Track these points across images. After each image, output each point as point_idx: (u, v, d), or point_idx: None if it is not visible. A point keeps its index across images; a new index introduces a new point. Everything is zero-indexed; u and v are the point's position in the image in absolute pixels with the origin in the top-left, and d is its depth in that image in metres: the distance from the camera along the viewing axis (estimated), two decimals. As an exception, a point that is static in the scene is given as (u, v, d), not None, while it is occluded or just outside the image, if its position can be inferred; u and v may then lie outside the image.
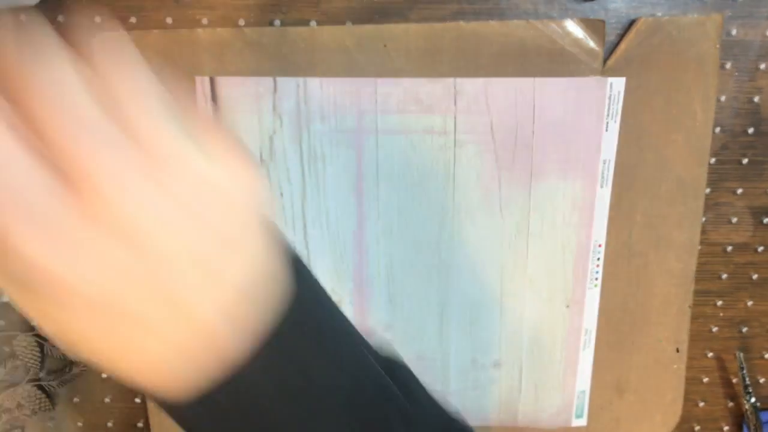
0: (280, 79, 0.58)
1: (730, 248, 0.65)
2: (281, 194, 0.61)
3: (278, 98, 0.59)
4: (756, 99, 0.61)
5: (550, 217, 0.62)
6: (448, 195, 0.61)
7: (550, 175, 0.61)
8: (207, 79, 0.58)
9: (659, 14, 0.59)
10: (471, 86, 0.58)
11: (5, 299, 0.65)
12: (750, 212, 0.64)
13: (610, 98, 0.59)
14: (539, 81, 0.58)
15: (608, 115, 0.59)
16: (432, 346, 0.65)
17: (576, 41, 0.58)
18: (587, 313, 0.65)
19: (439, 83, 0.58)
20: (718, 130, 0.62)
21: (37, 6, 0.58)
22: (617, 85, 0.59)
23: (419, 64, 0.58)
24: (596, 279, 0.64)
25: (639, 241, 0.63)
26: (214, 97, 0.59)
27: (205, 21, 0.58)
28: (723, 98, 0.61)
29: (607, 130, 0.60)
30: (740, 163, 0.63)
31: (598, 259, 0.63)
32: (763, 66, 0.60)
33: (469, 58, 0.58)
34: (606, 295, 0.64)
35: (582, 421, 0.68)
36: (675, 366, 0.67)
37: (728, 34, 0.59)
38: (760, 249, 0.65)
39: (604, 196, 0.61)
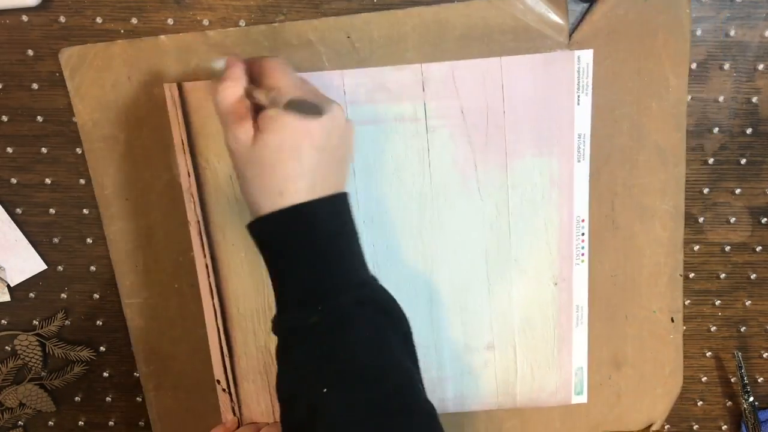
0: (246, 79, 0.58)
1: (728, 248, 0.65)
2: (258, 193, 0.61)
3: (247, 97, 0.59)
4: (754, 99, 0.61)
5: (530, 196, 0.62)
6: (426, 181, 0.61)
7: (525, 154, 0.60)
8: (174, 86, 0.59)
9: None
10: (438, 71, 0.58)
11: (6, 298, 0.66)
12: (748, 212, 0.64)
13: (579, 71, 0.58)
14: (506, 60, 0.58)
15: (579, 88, 0.59)
16: (423, 333, 0.65)
17: (539, 16, 0.57)
18: (577, 289, 0.64)
19: (405, 70, 0.58)
20: (716, 130, 0.62)
21: (38, 6, 0.59)
22: (585, 57, 0.58)
23: (384, 53, 0.58)
24: (582, 255, 0.63)
25: (622, 212, 0.62)
26: (183, 103, 0.59)
27: (206, 22, 0.59)
28: (721, 99, 0.61)
29: (579, 104, 0.59)
30: (738, 163, 0.63)
31: (583, 234, 0.63)
32: (761, 66, 0.60)
33: (434, 43, 0.58)
34: (594, 269, 0.64)
35: (582, 398, 0.68)
36: (671, 336, 0.66)
37: (726, 34, 0.59)
38: (759, 249, 0.65)
39: (582, 170, 0.61)
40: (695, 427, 0.70)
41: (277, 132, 0.45)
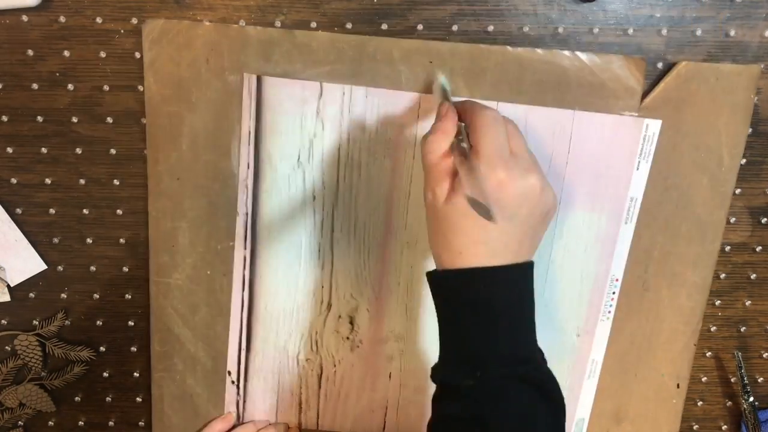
0: (326, 85, 0.58)
1: (728, 248, 0.66)
2: (314, 197, 0.61)
3: (323, 103, 0.59)
4: (755, 100, 0.62)
5: (573, 247, 0.63)
6: (476, 215, 0.62)
7: (577, 207, 0.62)
8: (254, 78, 0.58)
9: (658, 15, 0.59)
10: (512, 111, 0.59)
11: (6, 298, 0.65)
12: (748, 212, 0.65)
13: (644, 139, 0.60)
14: (579, 114, 0.59)
15: (641, 154, 0.60)
16: (442, 360, 0.66)
17: (617, 77, 0.59)
18: (596, 343, 0.66)
19: (481, 105, 0.59)
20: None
21: (38, 6, 0.58)
22: (653, 126, 0.60)
23: (462, 84, 0.59)
24: (609, 312, 0.65)
25: (654, 276, 0.64)
26: (259, 96, 0.59)
27: (206, 23, 0.58)
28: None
29: (637, 169, 0.61)
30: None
31: (614, 292, 0.64)
32: (761, 66, 0.61)
33: (512, 83, 0.59)
34: (616, 327, 0.65)
35: (577, 447, 0.69)
36: (674, 401, 0.68)
37: (726, 34, 0.60)
38: (759, 249, 0.66)
39: (627, 231, 0.62)
40: (695, 427, 0.71)
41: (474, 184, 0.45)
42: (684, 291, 0.65)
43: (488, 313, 0.47)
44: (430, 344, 0.66)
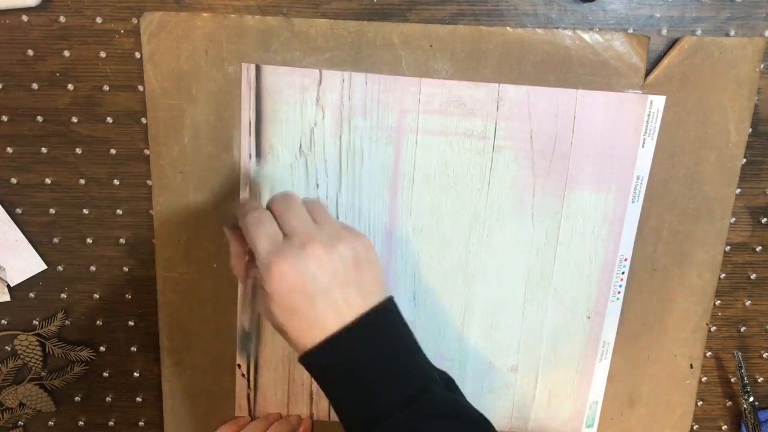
0: (326, 72, 0.58)
1: (728, 248, 0.65)
2: (317, 186, 0.61)
3: (322, 91, 0.59)
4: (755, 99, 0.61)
5: (581, 228, 0.62)
6: (482, 199, 0.61)
7: (583, 187, 0.61)
8: (253, 67, 0.58)
9: (658, 15, 0.59)
10: (514, 93, 0.59)
11: (6, 298, 0.65)
12: (748, 212, 0.65)
13: (649, 115, 0.59)
14: (581, 93, 0.59)
15: (646, 131, 0.60)
16: (451, 346, 0.65)
17: (620, 55, 0.58)
18: (607, 325, 0.65)
19: (482, 88, 0.59)
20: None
21: (38, 6, 0.58)
22: (657, 102, 0.59)
23: (463, 67, 0.58)
24: (619, 292, 0.64)
25: (663, 256, 0.64)
26: (258, 85, 0.58)
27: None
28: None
29: (643, 147, 0.60)
30: None
31: (623, 272, 0.64)
32: (761, 66, 0.60)
33: (513, 64, 0.58)
34: (627, 308, 0.65)
35: (592, 431, 0.69)
36: (687, 381, 0.67)
37: (726, 34, 0.60)
38: (759, 249, 0.66)
39: (634, 210, 0.62)
40: (695, 427, 0.71)
41: (268, 286, 0.46)
42: (694, 270, 0.64)
43: (356, 373, 0.46)
44: (439, 330, 0.65)
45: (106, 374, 0.69)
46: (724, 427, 0.71)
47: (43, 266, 0.65)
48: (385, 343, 0.47)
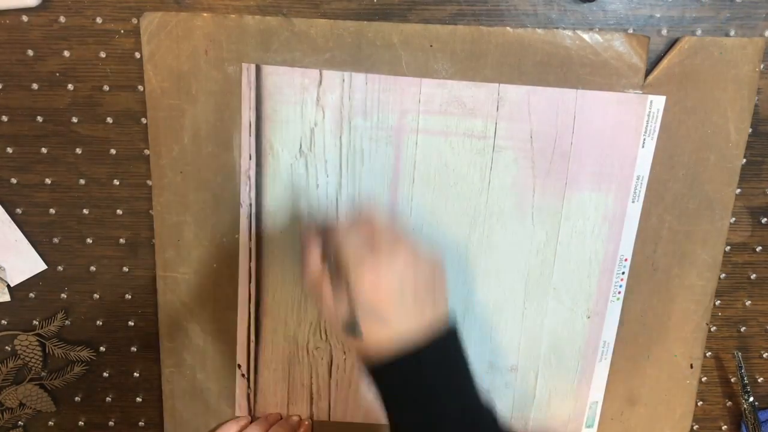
0: (326, 72, 0.58)
1: (728, 248, 0.65)
2: (317, 186, 0.61)
3: (322, 91, 0.59)
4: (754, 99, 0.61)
5: (581, 228, 0.62)
6: (482, 198, 0.61)
7: (583, 187, 0.61)
8: (253, 67, 0.58)
9: (657, 15, 0.59)
10: (514, 93, 0.59)
11: (6, 298, 0.65)
12: (748, 212, 0.65)
13: (649, 115, 0.59)
14: (581, 93, 0.59)
15: (646, 131, 0.60)
16: (451, 346, 0.65)
17: (620, 55, 0.58)
18: (607, 325, 0.65)
19: (482, 88, 0.59)
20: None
21: (38, 6, 0.58)
22: (657, 103, 0.59)
23: (463, 67, 0.58)
24: (619, 292, 0.64)
25: (663, 256, 0.64)
26: (258, 85, 0.58)
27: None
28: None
29: (643, 147, 0.60)
30: None
31: (623, 272, 0.64)
32: (761, 66, 0.60)
33: (513, 64, 0.58)
34: (627, 308, 0.65)
35: (592, 431, 0.69)
36: (688, 381, 0.67)
37: (726, 34, 0.60)
38: (759, 249, 0.66)
39: (634, 210, 0.62)
40: (695, 427, 0.71)
41: None
42: (694, 270, 0.64)
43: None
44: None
45: (106, 374, 0.69)
46: (724, 427, 0.71)
47: (43, 266, 0.65)
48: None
